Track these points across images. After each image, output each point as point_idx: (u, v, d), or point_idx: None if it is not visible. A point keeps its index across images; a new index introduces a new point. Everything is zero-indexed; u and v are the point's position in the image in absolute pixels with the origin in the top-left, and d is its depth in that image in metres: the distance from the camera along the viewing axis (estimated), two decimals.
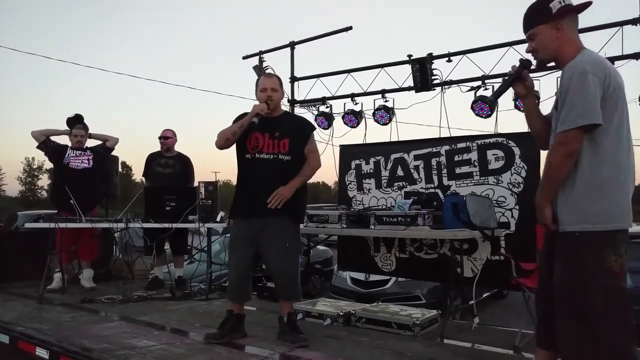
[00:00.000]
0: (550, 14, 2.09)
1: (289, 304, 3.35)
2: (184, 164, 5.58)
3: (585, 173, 1.98)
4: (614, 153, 1.98)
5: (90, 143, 5.59)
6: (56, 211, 5.28)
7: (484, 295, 7.11)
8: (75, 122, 5.48)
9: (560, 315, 2.03)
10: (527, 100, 2.34)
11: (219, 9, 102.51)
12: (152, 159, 5.56)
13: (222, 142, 3.24)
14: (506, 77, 2.42)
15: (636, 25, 3.73)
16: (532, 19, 2.16)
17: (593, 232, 1.96)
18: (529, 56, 2.24)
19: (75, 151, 5.33)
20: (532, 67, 2.27)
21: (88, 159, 5.38)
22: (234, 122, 3.33)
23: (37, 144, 5.30)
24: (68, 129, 5.43)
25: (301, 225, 3.57)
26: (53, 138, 5.37)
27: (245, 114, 3.31)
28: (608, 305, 1.93)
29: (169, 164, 5.48)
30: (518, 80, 2.29)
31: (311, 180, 3.71)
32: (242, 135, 3.22)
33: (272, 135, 3.26)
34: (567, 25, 2.09)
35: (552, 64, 2.23)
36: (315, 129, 3.55)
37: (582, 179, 1.98)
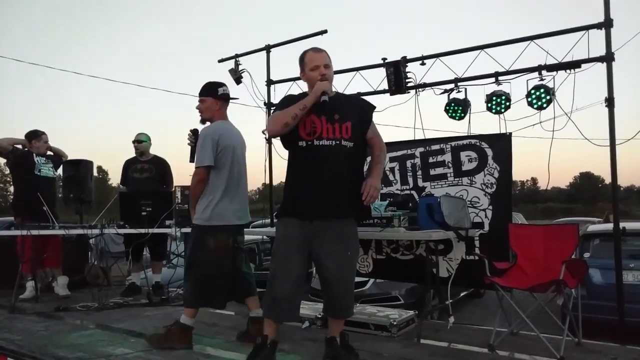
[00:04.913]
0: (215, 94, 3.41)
1: (341, 323, 2.93)
2: (161, 167, 5.52)
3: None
4: (214, 183, 3.29)
5: None
6: (19, 219, 5.10)
7: (461, 295, 7.22)
8: (35, 132, 5.33)
9: None
10: None
11: (195, 12, 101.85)
12: (128, 165, 5.50)
13: (279, 128, 2.71)
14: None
15: (601, 29, 3.83)
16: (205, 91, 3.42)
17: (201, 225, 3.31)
18: None
19: (41, 158, 5.25)
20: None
21: (52, 168, 5.35)
22: (279, 107, 2.81)
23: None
24: (25, 139, 5.29)
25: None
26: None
27: (295, 97, 2.84)
28: None
29: (144, 169, 5.42)
30: None
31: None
32: None
33: (330, 118, 2.75)
34: (222, 104, 3.45)
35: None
36: (375, 108, 3.06)
37: None
